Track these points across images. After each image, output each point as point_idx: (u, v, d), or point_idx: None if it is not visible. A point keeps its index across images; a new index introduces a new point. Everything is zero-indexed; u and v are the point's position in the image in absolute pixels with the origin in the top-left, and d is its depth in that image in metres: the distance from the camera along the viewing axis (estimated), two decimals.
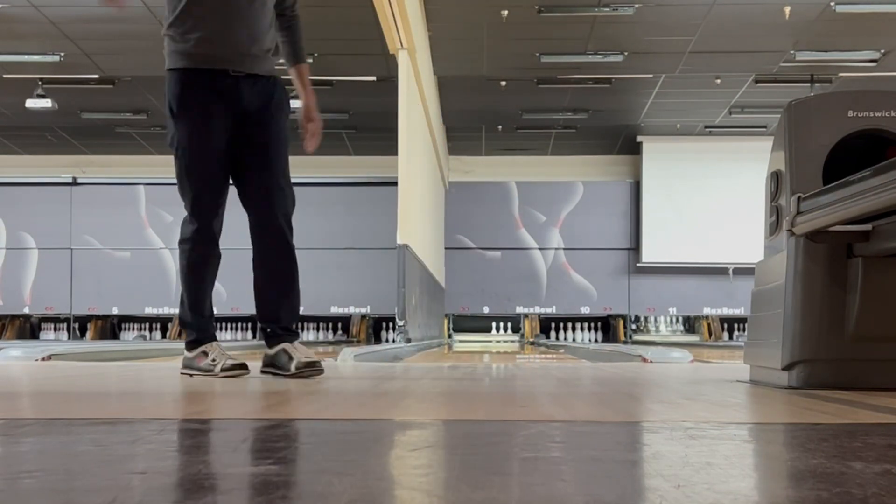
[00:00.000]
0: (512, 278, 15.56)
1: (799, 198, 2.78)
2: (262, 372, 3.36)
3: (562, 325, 15.80)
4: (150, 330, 15.00)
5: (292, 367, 3.24)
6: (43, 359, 4.98)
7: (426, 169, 11.40)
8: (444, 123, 14.10)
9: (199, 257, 3.35)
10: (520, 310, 15.67)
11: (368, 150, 14.99)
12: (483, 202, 15.61)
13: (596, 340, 15.43)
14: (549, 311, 15.63)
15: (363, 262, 14.52)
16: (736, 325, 15.48)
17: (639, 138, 15.14)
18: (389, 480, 1.16)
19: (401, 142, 8.48)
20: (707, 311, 15.49)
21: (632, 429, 1.80)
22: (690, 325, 15.95)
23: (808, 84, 11.63)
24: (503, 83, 12.05)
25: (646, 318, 15.94)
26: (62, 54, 10.71)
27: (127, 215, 14.45)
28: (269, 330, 3.38)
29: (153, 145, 14.84)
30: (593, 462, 1.32)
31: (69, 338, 14.69)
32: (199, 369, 3.33)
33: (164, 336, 14.81)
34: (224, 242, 3.40)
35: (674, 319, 15.95)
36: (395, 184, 8.67)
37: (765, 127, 13.88)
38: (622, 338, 15.24)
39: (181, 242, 3.37)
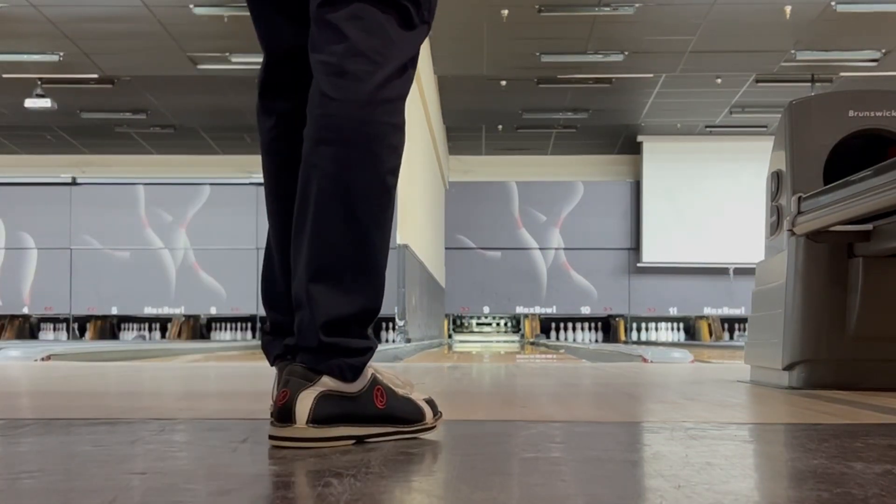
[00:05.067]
0: (512, 278, 15.56)
1: (800, 198, 2.78)
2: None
3: (562, 325, 15.79)
4: (150, 330, 14.98)
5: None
6: (42, 359, 4.98)
7: (426, 169, 11.40)
8: (444, 123, 14.09)
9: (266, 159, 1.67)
10: (520, 310, 15.68)
11: None
12: (483, 202, 15.61)
13: (596, 341, 15.43)
14: (549, 311, 15.63)
15: None
16: (736, 325, 15.47)
17: (639, 138, 15.14)
18: (389, 480, 1.15)
19: None
20: (707, 311, 15.49)
21: (632, 429, 1.80)
22: (690, 329, 15.83)
23: (809, 84, 11.63)
24: (503, 83, 12.05)
25: (646, 327, 15.88)
26: (61, 54, 10.70)
27: (126, 215, 14.41)
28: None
29: (153, 145, 14.83)
30: (594, 462, 1.32)
31: (69, 338, 14.67)
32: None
33: (163, 336, 14.79)
34: (221, 242, 2.81)
35: (674, 327, 15.87)
36: None
37: (765, 127, 13.88)
38: (622, 338, 15.23)
39: None
